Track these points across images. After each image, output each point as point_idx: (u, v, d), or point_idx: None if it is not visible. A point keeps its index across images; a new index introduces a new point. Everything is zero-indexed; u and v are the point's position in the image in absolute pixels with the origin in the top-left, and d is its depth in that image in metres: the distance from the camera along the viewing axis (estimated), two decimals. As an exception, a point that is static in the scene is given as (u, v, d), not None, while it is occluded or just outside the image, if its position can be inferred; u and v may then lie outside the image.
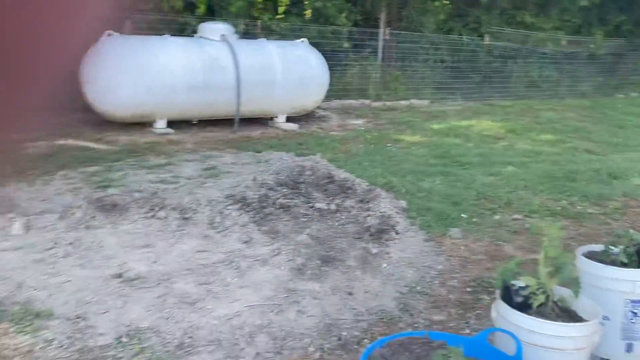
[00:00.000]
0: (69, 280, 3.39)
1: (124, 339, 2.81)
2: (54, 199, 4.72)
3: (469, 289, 3.57)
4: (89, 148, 6.58)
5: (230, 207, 4.64)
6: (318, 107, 9.46)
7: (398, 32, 11.75)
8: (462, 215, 4.85)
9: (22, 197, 4.73)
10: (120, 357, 2.66)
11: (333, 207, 4.78)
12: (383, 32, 11.55)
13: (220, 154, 6.67)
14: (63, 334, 2.83)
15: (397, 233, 4.31)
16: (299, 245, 4.09)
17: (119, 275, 3.47)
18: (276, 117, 8.58)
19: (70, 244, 3.89)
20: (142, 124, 7.73)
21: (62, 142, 6.77)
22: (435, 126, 9.05)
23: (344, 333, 2.98)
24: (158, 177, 5.48)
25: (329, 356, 2.78)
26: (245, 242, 4.12)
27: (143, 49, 7.34)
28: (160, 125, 7.61)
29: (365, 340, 2.91)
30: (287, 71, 8.21)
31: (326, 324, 3.07)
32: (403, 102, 10.95)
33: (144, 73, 7.18)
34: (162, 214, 4.44)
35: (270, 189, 5.07)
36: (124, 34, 7.86)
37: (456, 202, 5.17)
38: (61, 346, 2.73)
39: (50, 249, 3.81)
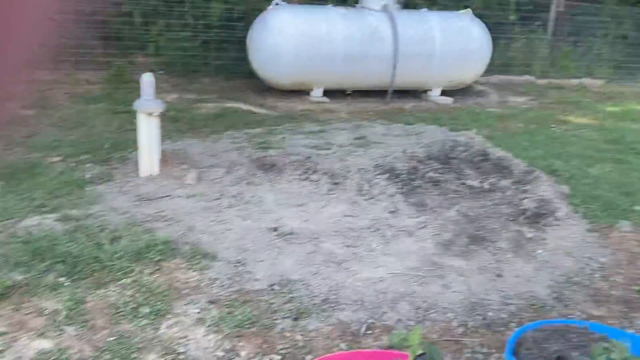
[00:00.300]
0: (231, 229, 3.72)
1: (276, 287, 3.02)
2: (221, 155, 5.17)
3: (636, 287, 3.22)
4: (253, 112, 7.06)
5: (378, 176, 4.69)
6: (476, 82, 9.04)
7: (574, 4, 10.68)
8: (636, 207, 4.35)
9: (195, 151, 5.25)
10: (273, 303, 2.87)
11: (486, 185, 4.59)
12: (556, 4, 10.58)
13: (372, 125, 6.73)
14: (225, 275, 3.12)
15: (556, 219, 4.01)
16: (446, 220, 4.02)
17: (275, 229, 3.72)
18: (430, 90, 8.38)
19: (234, 196, 4.25)
20: (299, 92, 8.08)
21: (229, 104, 7.35)
22: (610, 108, 8.15)
23: (490, 313, 2.88)
24: (312, 142, 5.71)
25: (473, 333, 2.72)
26: (392, 212, 4.15)
27: (306, 19, 7.60)
28: (317, 93, 7.88)
29: (513, 324, 2.79)
30: (447, 43, 7.94)
31: (471, 302, 2.99)
32: (573, 81, 10.00)
33: (306, 42, 7.45)
34: (314, 177, 4.64)
35: (420, 162, 5.02)
36: (290, 3, 8.20)
37: (629, 192, 4.64)
38: (223, 285, 3.03)
39: (217, 199, 4.20)
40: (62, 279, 2.91)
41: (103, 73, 8.46)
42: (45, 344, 2.45)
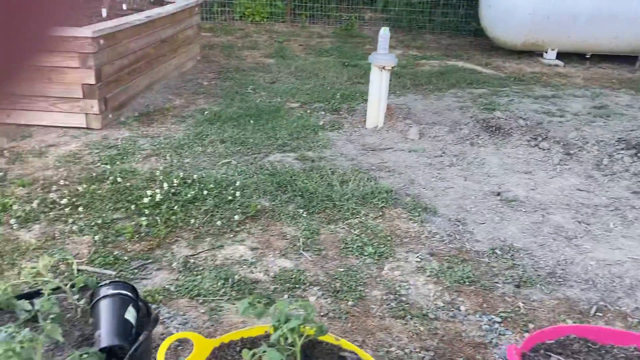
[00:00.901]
0: (452, 187, 3.72)
1: (498, 252, 2.96)
2: (444, 113, 5.13)
3: None
4: (477, 71, 6.81)
5: (622, 151, 4.20)
6: None
7: None
8: None
9: (417, 108, 5.31)
10: (494, 266, 2.83)
11: None
12: None
13: (614, 93, 5.99)
14: (445, 231, 3.16)
15: None
16: None
17: (498, 194, 3.62)
18: (695, 58, 7.09)
19: (456, 155, 4.22)
20: (529, 53, 7.53)
21: (453, 62, 7.20)
22: None
23: None
24: (543, 107, 5.32)
25: None
26: (636, 192, 3.70)
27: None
28: (550, 55, 7.26)
29: None
30: None
31: None
32: None
33: (547, 0, 6.85)
34: (544, 144, 4.34)
35: (676, 140, 4.33)
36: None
37: None
38: (442, 240, 3.07)
39: (439, 156, 4.22)
40: (300, 210, 3.26)
41: (333, 27, 8.94)
42: (287, 263, 2.80)
